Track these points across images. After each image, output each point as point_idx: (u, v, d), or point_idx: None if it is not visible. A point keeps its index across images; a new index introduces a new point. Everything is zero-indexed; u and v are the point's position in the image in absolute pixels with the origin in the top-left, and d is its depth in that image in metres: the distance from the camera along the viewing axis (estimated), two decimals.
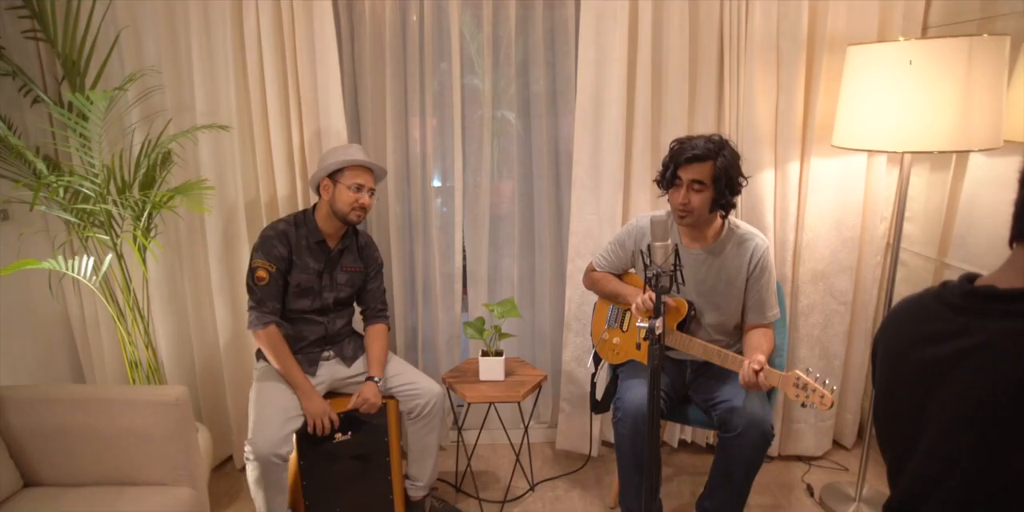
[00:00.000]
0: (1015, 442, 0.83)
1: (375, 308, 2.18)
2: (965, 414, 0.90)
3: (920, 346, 0.97)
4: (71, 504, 1.65)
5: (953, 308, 0.93)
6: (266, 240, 2.00)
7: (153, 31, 2.15)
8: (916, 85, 1.79)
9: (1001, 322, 0.88)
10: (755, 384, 1.73)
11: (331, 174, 2.01)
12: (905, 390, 1.02)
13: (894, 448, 1.08)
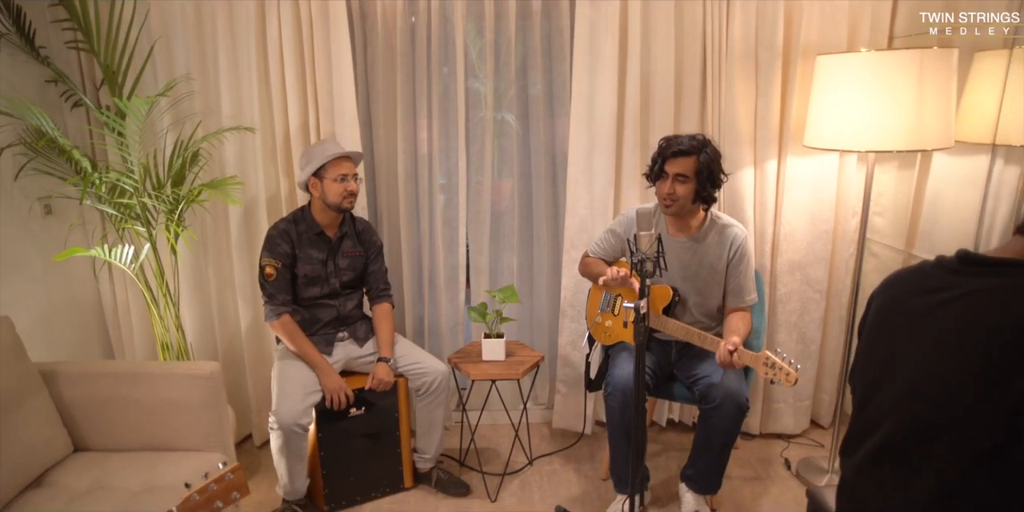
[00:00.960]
0: (986, 366, 1.04)
1: (378, 288, 2.37)
2: (946, 344, 1.10)
3: (914, 297, 1.19)
4: (115, 466, 1.84)
5: (949, 271, 1.15)
6: (270, 240, 2.19)
7: (183, 41, 2.35)
8: (876, 91, 1.99)
9: (983, 279, 1.09)
10: (729, 363, 1.93)
11: (315, 172, 2.17)
12: (894, 329, 1.23)
13: (867, 376, 1.28)
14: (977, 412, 1.04)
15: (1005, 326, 1.03)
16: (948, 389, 1.09)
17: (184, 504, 1.18)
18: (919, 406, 1.14)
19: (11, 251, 2.15)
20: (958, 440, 1.08)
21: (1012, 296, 1.04)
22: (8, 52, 2.11)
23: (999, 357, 1.02)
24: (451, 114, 2.57)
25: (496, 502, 2.34)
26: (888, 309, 1.25)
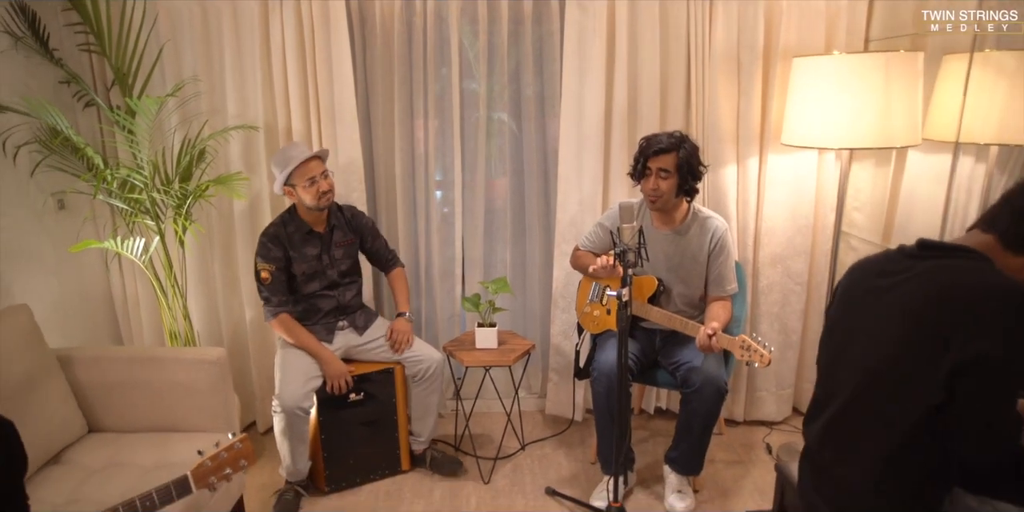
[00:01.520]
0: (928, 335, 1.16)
1: (387, 258, 2.50)
2: (896, 317, 1.23)
3: (873, 278, 1.33)
4: (128, 445, 1.95)
5: (908, 256, 1.29)
6: (262, 245, 2.28)
7: (190, 44, 2.46)
8: (847, 92, 2.11)
9: (934, 261, 1.22)
10: (708, 347, 2.04)
11: (286, 180, 2.22)
12: (853, 308, 1.37)
13: (828, 353, 1.41)
14: (919, 377, 1.16)
15: (944, 297, 1.16)
16: (894, 358, 1.21)
17: (198, 470, 1.29)
18: (870, 375, 1.26)
19: (27, 243, 2.26)
20: (903, 404, 1.20)
21: (953, 272, 1.17)
22: (24, 54, 2.22)
23: (937, 325, 1.15)
24: (447, 114, 2.68)
25: (489, 484, 2.45)
26: (849, 291, 1.38)
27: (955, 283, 1.16)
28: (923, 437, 1.19)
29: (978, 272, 1.16)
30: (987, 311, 1.11)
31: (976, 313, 1.11)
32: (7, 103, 2.07)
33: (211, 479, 1.31)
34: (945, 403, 1.14)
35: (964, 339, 1.10)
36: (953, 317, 1.13)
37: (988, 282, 1.14)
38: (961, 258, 1.21)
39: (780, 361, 2.77)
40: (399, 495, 2.39)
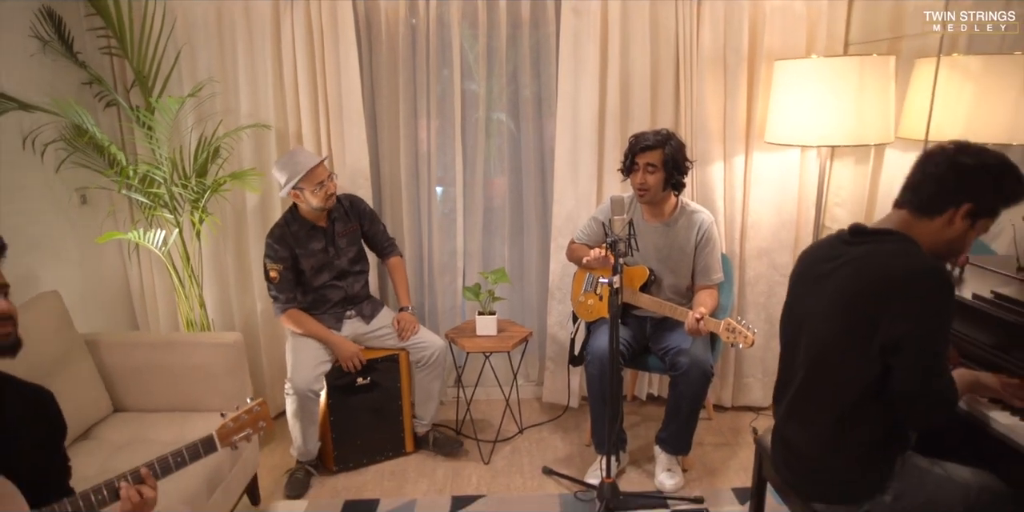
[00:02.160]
0: (860, 318, 1.31)
1: (384, 245, 2.62)
2: (831, 303, 1.38)
3: (817, 264, 1.47)
4: (150, 423, 2.08)
5: (844, 242, 1.44)
6: (268, 247, 2.40)
7: (206, 47, 2.60)
8: (824, 93, 2.25)
9: (865, 247, 1.37)
10: (696, 330, 2.18)
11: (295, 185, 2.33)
12: (801, 293, 1.52)
13: (787, 335, 1.56)
14: (858, 354, 1.32)
15: (873, 281, 1.31)
16: (837, 338, 1.36)
17: (221, 430, 1.42)
18: (819, 355, 1.42)
19: (53, 236, 2.39)
20: (848, 377, 1.35)
21: (880, 258, 1.33)
22: (51, 58, 2.36)
23: (869, 308, 1.30)
24: (448, 114, 2.81)
25: (489, 464, 2.59)
26: (799, 277, 1.53)
27: (879, 270, 1.31)
28: (871, 401, 1.33)
29: (900, 256, 1.31)
30: (906, 295, 1.26)
31: (897, 297, 1.26)
32: (36, 103, 2.20)
33: (233, 438, 1.44)
34: (883, 374, 1.30)
35: (889, 321, 1.26)
36: (878, 302, 1.28)
37: (907, 266, 1.28)
38: (886, 242, 1.36)
39: (766, 349, 2.90)
40: (404, 475, 2.52)
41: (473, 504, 2.32)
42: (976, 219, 1.34)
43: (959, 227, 1.34)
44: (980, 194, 1.33)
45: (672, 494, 2.34)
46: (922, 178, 1.37)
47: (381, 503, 2.33)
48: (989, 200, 1.33)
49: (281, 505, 2.33)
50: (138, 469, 1.33)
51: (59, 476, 1.40)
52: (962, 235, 1.35)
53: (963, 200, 1.33)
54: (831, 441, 1.41)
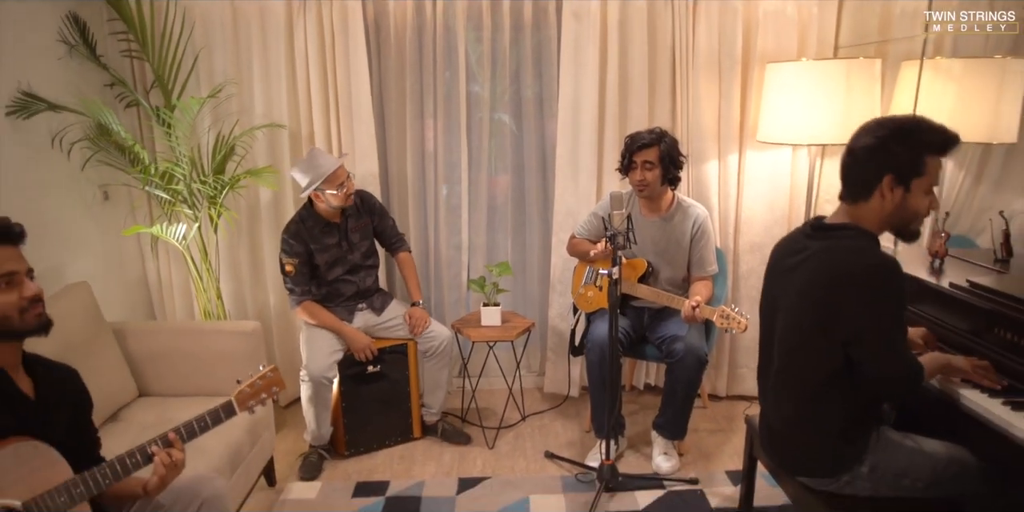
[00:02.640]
0: (822, 311, 1.42)
1: (393, 240, 2.72)
2: (798, 296, 1.49)
3: (785, 258, 1.58)
4: (174, 406, 2.19)
5: (806, 236, 1.54)
6: (284, 242, 2.51)
7: (222, 51, 2.71)
8: (813, 94, 2.37)
9: (823, 241, 1.48)
10: (692, 317, 2.30)
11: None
12: (773, 285, 1.63)
13: (763, 326, 1.67)
14: (824, 344, 1.44)
15: (831, 278, 1.42)
16: (803, 329, 1.48)
17: (239, 395, 1.54)
18: (790, 344, 1.53)
19: (78, 230, 2.50)
20: (817, 363, 1.47)
21: (837, 254, 1.44)
22: (77, 61, 2.47)
23: (829, 302, 1.41)
24: (453, 114, 2.92)
25: (493, 449, 2.70)
26: (771, 269, 1.65)
27: (836, 267, 1.41)
28: (840, 383, 1.45)
29: (854, 252, 1.40)
30: (860, 291, 1.36)
31: (853, 293, 1.37)
32: (64, 104, 2.32)
33: (250, 403, 1.55)
34: (848, 362, 1.41)
35: (846, 317, 1.38)
36: (836, 298, 1.39)
37: (861, 264, 1.38)
38: (843, 237, 1.45)
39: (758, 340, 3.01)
40: (412, 458, 2.64)
41: (479, 485, 2.44)
42: (907, 183, 1.40)
43: (895, 197, 1.40)
44: (892, 162, 1.39)
45: (668, 476, 2.46)
46: (844, 170, 1.47)
47: (391, 484, 2.44)
48: (905, 162, 1.38)
49: (296, 486, 2.45)
50: (167, 434, 1.45)
51: (91, 446, 1.52)
52: (903, 203, 1.41)
53: (881, 174, 1.39)
54: (807, 420, 1.53)
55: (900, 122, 1.41)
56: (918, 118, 1.42)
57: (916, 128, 1.39)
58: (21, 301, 1.30)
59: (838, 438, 1.49)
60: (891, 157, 1.39)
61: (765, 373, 1.68)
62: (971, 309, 1.74)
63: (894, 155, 1.39)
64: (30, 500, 1.26)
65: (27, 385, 1.38)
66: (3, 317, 1.28)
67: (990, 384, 1.54)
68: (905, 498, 1.52)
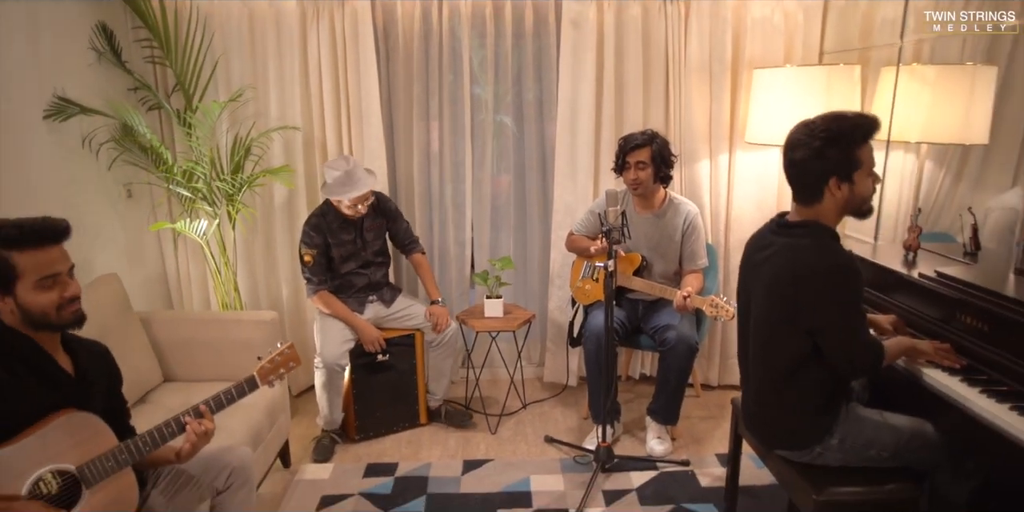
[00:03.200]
0: (788, 306, 1.57)
1: (407, 242, 2.87)
2: (766, 289, 1.63)
3: (754, 252, 1.73)
4: (198, 391, 2.32)
5: (772, 232, 1.69)
6: (305, 233, 2.66)
7: (239, 57, 2.86)
8: (796, 97, 2.52)
9: (785, 239, 1.62)
10: (683, 306, 2.45)
11: None
12: (746, 277, 1.78)
13: (741, 317, 1.82)
14: (789, 333, 1.59)
15: (794, 276, 1.57)
16: (772, 321, 1.63)
17: (260, 370, 1.69)
18: (761, 332, 1.68)
19: (104, 226, 2.65)
20: (784, 351, 1.62)
21: (799, 253, 1.58)
22: (105, 67, 2.63)
23: (793, 299, 1.56)
24: (458, 117, 3.07)
25: (496, 434, 2.85)
26: (744, 263, 1.80)
27: (796, 265, 1.55)
28: (808, 366, 1.59)
29: (813, 251, 1.54)
30: (818, 289, 1.51)
31: (811, 290, 1.51)
32: (94, 107, 2.47)
33: (270, 377, 1.70)
34: (814, 346, 1.57)
35: (809, 311, 1.53)
36: (796, 295, 1.54)
37: (819, 262, 1.51)
38: (804, 236, 1.58)
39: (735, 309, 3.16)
40: (419, 443, 2.79)
41: (482, 466, 2.59)
42: (849, 178, 1.52)
43: (844, 192, 1.53)
44: (831, 166, 1.51)
45: (661, 458, 2.61)
46: (791, 179, 1.61)
47: (400, 465, 2.59)
48: (842, 162, 1.51)
49: (310, 468, 2.59)
50: (198, 405, 1.59)
51: (124, 416, 1.67)
52: (851, 194, 1.54)
53: (825, 178, 1.52)
54: (781, 398, 1.68)
55: (825, 129, 1.52)
56: (838, 116, 1.55)
57: (840, 129, 1.52)
58: (61, 299, 1.40)
59: (809, 414, 1.63)
60: (829, 162, 1.52)
61: (744, 357, 1.83)
62: (938, 297, 1.88)
63: (831, 160, 1.51)
64: (82, 465, 1.41)
65: (67, 363, 1.51)
66: (42, 313, 1.39)
67: (950, 364, 1.68)
68: (873, 468, 1.66)
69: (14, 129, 2.17)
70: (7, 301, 1.37)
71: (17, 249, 1.35)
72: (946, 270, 1.93)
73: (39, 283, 1.37)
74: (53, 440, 1.37)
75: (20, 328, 1.40)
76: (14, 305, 1.37)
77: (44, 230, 1.39)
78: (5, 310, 1.39)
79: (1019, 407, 1.46)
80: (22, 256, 1.35)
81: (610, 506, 2.32)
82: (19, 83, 2.19)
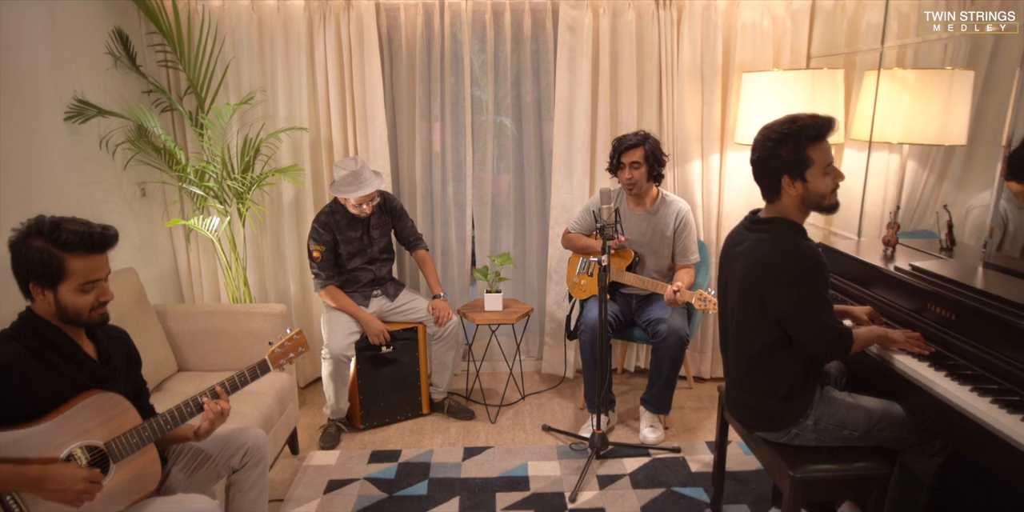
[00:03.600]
0: (756, 297, 1.68)
1: (411, 239, 2.98)
2: (739, 281, 1.75)
3: (730, 247, 1.84)
4: (211, 379, 2.43)
5: (745, 228, 1.80)
6: (314, 230, 2.78)
7: (249, 61, 2.98)
8: (782, 100, 2.63)
9: (755, 234, 1.74)
10: (673, 300, 2.56)
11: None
12: (724, 271, 1.89)
13: (720, 308, 1.93)
14: (759, 323, 1.70)
15: (760, 268, 1.69)
16: (743, 311, 1.74)
17: (271, 355, 1.80)
18: (738, 322, 1.80)
19: (120, 223, 2.75)
20: (757, 338, 1.73)
21: (764, 246, 1.70)
22: (121, 71, 2.75)
23: (760, 289, 1.67)
24: (459, 118, 3.19)
25: (495, 423, 2.97)
26: (722, 258, 1.92)
27: (762, 258, 1.67)
28: (780, 352, 1.71)
29: (777, 244, 1.65)
30: (780, 279, 1.62)
31: (774, 280, 1.63)
32: (111, 110, 2.59)
33: (280, 361, 1.82)
34: (784, 336, 1.68)
35: (773, 301, 1.64)
36: (762, 286, 1.66)
37: (783, 257, 1.63)
38: (768, 230, 1.70)
39: None
40: (421, 431, 2.90)
41: (482, 453, 2.70)
42: (802, 175, 1.64)
43: (798, 189, 1.65)
44: (782, 165, 1.64)
45: (653, 445, 2.72)
46: (755, 179, 1.74)
47: (403, 452, 2.71)
48: (792, 161, 1.63)
49: (317, 454, 2.71)
50: (214, 387, 1.71)
51: (144, 396, 1.78)
52: (806, 191, 1.65)
53: (778, 177, 1.65)
54: (758, 383, 1.79)
55: (777, 130, 1.65)
56: (792, 118, 1.67)
57: (791, 130, 1.64)
58: (95, 303, 1.52)
59: (785, 397, 1.74)
60: (780, 162, 1.64)
61: (724, 345, 1.94)
62: (912, 289, 1.99)
63: (781, 159, 1.64)
64: (110, 440, 1.52)
65: (90, 348, 1.62)
66: (76, 313, 1.50)
67: (919, 351, 1.79)
68: (846, 447, 1.78)
69: (37, 130, 2.28)
70: (47, 294, 1.48)
71: (70, 252, 1.46)
72: (920, 264, 2.05)
73: (81, 287, 1.48)
74: (82, 418, 1.49)
75: (50, 319, 1.52)
76: (52, 300, 1.48)
77: (100, 239, 1.51)
78: (42, 302, 1.50)
79: (980, 389, 1.57)
80: (74, 259, 1.46)
81: (604, 490, 2.43)
82: (41, 86, 2.31)
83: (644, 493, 2.41)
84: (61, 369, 1.50)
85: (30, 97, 2.25)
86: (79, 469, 1.42)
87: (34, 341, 1.49)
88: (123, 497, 1.53)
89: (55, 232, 1.45)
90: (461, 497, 2.40)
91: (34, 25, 2.28)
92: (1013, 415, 1.44)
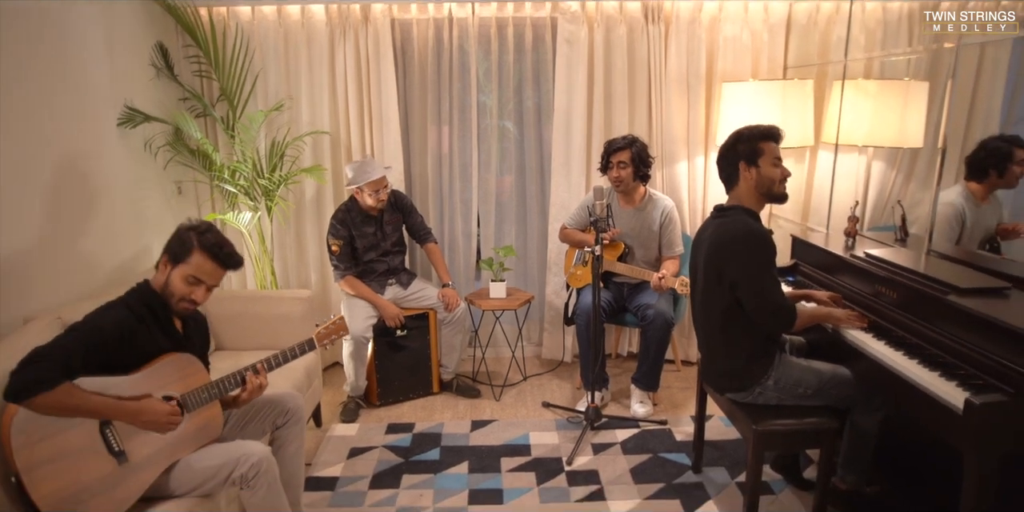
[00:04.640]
0: (716, 269, 1.98)
1: (422, 233, 3.27)
2: (704, 260, 2.05)
3: (700, 234, 2.15)
4: (246, 358, 2.72)
5: (712, 217, 2.10)
6: (332, 226, 3.07)
7: (276, 72, 3.28)
8: (757, 107, 2.93)
9: (719, 220, 2.05)
10: (659, 286, 2.86)
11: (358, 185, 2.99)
12: (694, 254, 2.19)
13: (692, 287, 2.23)
14: (717, 290, 2.01)
15: (719, 245, 2.01)
16: (706, 283, 2.05)
17: (318, 335, 2.09)
18: (703, 294, 2.10)
19: (160, 218, 3.06)
20: (716, 306, 2.03)
21: (723, 227, 2.04)
22: (162, 81, 3.04)
23: (716, 264, 2.01)
24: (466, 122, 3.48)
25: (499, 401, 3.26)
26: (694, 244, 2.22)
27: (721, 236, 2.00)
28: (738, 320, 2.01)
29: (732, 225, 1.98)
30: (734, 251, 1.95)
31: (729, 253, 1.96)
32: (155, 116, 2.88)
33: (325, 341, 2.11)
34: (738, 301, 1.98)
35: (727, 268, 1.96)
36: (719, 259, 1.99)
37: (735, 232, 1.96)
38: (727, 216, 2.04)
39: None
40: (432, 408, 3.19)
41: (488, 426, 2.99)
42: (755, 162, 1.99)
43: (752, 174, 2.00)
44: (740, 154, 2.01)
45: (643, 418, 3.01)
46: (719, 172, 2.10)
47: (416, 425, 3.00)
48: (747, 151, 2.01)
49: (339, 427, 3.00)
50: (255, 364, 1.99)
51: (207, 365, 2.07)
52: (759, 176, 2.00)
53: (736, 164, 2.02)
54: (722, 348, 2.09)
55: (737, 132, 2.04)
56: (748, 126, 2.06)
57: (746, 131, 2.03)
58: (186, 294, 1.82)
59: (747, 361, 2.04)
60: (738, 153, 2.03)
61: (696, 319, 2.24)
62: (867, 274, 2.29)
63: (739, 151, 2.02)
64: (185, 393, 1.82)
65: (178, 324, 1.94)
66: (171, 293, 1.81)
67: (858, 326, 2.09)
68: (802, 406, 2.07)
69: (94, 136, 2.58)
70: (165, 271, 1.82)
71: (201, 250, 1.80)
72: (873, 252, 2.35)
73: (188, 277, 1.80)
74: (164, 373, 1.79)
75: (158, 290, 1.83)
76: (166, 275, 1.81)
77: (226, 256, 1.83)
78: (161, 273, 1.83)
79: (910, 352, 1.87)
80: (199, 256, 1.80)
81: (597, 455, 2.72)
82: (100, 96, 2.61)
83: (633, 458, 2.70)
84: (154, 333, 1.80)
85: (90, 105, 2.55)
86: (166, 405, 1.72)
87: (139, 307, 1.79)
88: (192, 443, 1.83)
89: (206, 233, 1.83)
90: (470, 461, 2.69)
91: (96, 41, 2.58)
92: (932, 372, 1.74)
